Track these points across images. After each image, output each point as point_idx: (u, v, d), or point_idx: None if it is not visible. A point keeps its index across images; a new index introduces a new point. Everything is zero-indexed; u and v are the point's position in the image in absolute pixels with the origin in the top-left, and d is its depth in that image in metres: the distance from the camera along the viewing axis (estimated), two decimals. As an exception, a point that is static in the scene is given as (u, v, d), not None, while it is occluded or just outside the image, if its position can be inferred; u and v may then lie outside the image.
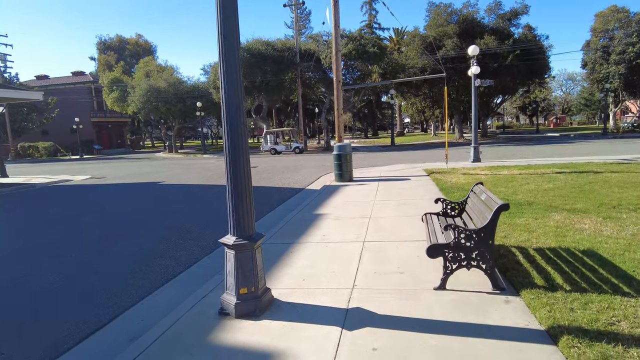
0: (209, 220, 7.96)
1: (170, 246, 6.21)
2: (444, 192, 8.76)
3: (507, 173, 11.62)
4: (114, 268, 5.38)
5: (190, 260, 5.47)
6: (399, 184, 10.57)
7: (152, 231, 7.37)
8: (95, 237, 7.22)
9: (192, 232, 7.00)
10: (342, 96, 12.43)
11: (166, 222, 8.11)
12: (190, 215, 8.64)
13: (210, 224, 7.52)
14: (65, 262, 5.73)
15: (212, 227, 7.23)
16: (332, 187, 11.08)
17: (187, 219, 8.20)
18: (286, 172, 16.34)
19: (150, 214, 9.23)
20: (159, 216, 8.88)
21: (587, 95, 65.58)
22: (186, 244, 6.28)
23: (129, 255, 5.92)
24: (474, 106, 15.96)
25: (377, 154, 25.06)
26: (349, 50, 25.56)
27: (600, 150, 19.23)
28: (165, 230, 7.26)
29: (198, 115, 35.18)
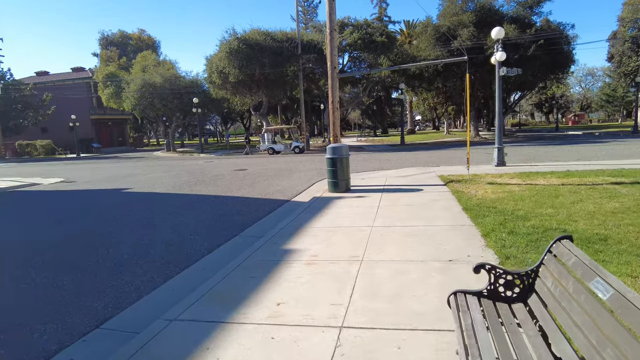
0: (118, 263, 5.71)
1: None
2: (469, 213, 6.38)
3: (544, 183, 9.16)
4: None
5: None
6: (408, 198, 8.20)
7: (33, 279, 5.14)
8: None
9: (84, 285, 4.76)
10: (337, 86, 10.09)
11: (68, 260, 5.88)
12: (109, 249, 6.41)
13: (121, 268, 5.27)
14: None
15: (115, 277, 4.99)
16: (322, 199, 8.75)
17: (98, 256, 5.96)
18: (276, 177, 14.05)
19: (67, 244, 7.02)
20: (74, 247, 6.65)
21: (610, 91, 62.21)
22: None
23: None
24: (498, 100, 13.48)
25: (385, 154, 22.64)
26: (354, 39, 23.17)
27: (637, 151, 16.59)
28: (51, 275, 5.03)
29: (195, 111, 33.06)
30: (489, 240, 4.92)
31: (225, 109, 46.57)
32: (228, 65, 26.04)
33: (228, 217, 7.91)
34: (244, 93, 31.31)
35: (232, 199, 9.99)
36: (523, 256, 4.23)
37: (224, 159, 25.06)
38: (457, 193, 8.20)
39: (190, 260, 5.35)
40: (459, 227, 5.66)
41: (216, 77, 28.00)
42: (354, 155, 22.78)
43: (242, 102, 35.15)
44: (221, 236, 6.46)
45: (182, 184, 13.05)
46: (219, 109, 42.08)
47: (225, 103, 40.80)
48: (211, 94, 34.44)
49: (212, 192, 11.22)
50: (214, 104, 38.00)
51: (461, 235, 5.28)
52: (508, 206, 6.71)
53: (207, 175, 15.57)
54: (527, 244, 4.65)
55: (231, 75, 26.45)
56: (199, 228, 7.11)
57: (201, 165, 21.00)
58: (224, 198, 10.13)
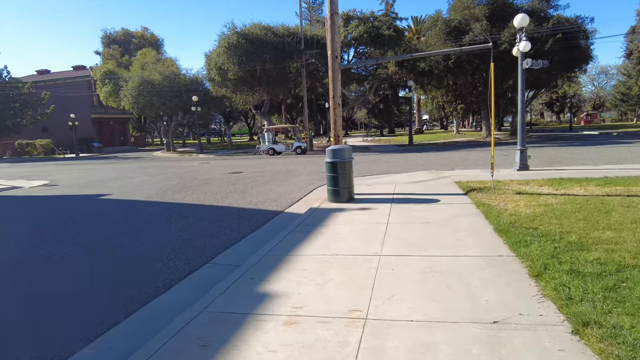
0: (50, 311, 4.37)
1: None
2: (505, 237, 4.96)
3: (584, 193, 7.71)
4: None
5: None
6: (423, 212, 6.78)
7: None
8: None
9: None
10: (339, 78, 8.69)
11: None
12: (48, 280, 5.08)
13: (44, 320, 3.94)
14: None
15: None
16: (320, 212, 7.37)
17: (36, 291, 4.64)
18: (273, 181, 12.69)
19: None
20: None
21: (624, 89, 60.11)
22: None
23: None
24: (521, 96, 12.01)
25: (393, 155, 21.20)
26: (360, 33, 21.72)
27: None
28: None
29: (194, 110, 31.82)
30: (545, 284, 3.50)
31: (227, 107, 45.33)
32: (227, 61, 24.72)
33: (201, 237, 6.55)
34: (244, 91, 29.99)
35: (216, 210, 8.63)
36: (608, 321, 2.82)
37: (222, 160, 23.77)
38: (482, 206, 6.76)
39: (144, 301, 3.99)
40: (496, 260, 4.25)
41: (215, 74, 26.72)
42: (359, 157, 21.47)
43: (244, 101, 33.85)
44: (183, 266, 5.10)
45: (166, 190, 11.73)
46: (220, 107, 40.82)
47: (227, 101, 39.56)
48: (212, 92, 33.20)
49: (196, 200, 9.88)
50: (214, 102, 36.75)
51: (502, 274, 3.87)
52: (552, 226, 5.28)
53: (197, 179, 14.25)
54: (603, 294, 3.23)
55: (230, 72, 25.13)
56: (159, 255, 5.76)
57: (195, 167, 19.70)
58: (206, 209, 8.78)
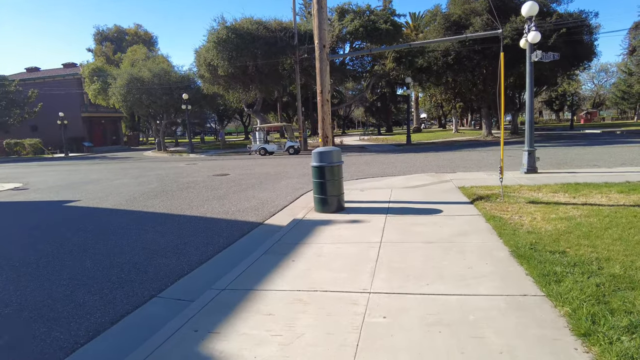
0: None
1: None
2: (528, 266, 3.93)
3: (607, 202, 6.70)
4: None
5: None
6: (423, 227, 5.75)
7: None
8: None
9: None
10: (327, 70, 7.65)
11: None
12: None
13: None
14: None
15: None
16: (304, 224, 6.34)
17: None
18: (258, 185, 11.64)
19: None
20: None
21: (625, 87, 59.25)
22: None
23: None
24: (529, 91, 11.00)
25: (390, 156, 20.17)
26: (355, 27, 20.64)
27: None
28: None
29: (185, 108, 30.73)
30: (600, 353, 2.48)
31: (220, 105, 44.21)
32: (216, 57, 23.62)
33: (160, 257, 5.50)
34: (237, 88, 28.89)
35: (187, 221, 7.58)
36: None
37: (211, 161, 22.69)
38: (493, 220, 5.73)
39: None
40: (520, 302, 3.22)
41: (205, 71, 25.62)
42: (355, 157, 20.44)
43: (238, 99, 32.74)
44: (123, 301, 4.06)
45: (140, 195, 10.67)
46: (213, 105, 39.66)
47: (220, 99, 38.46)
48: (203, 90, 32.11)
49: (168, 208, 8.82)
50: (206, 100, 35.61)
51: (532, 326, 2.84)
52: (583, 250, 4.26)
53: (178, 182, 13.19)
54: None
55: (220, 68, 24.02)
56: (101, 283, 4.72)
57: (181, 168, 18.62)
58: (176, 220, 7.73)
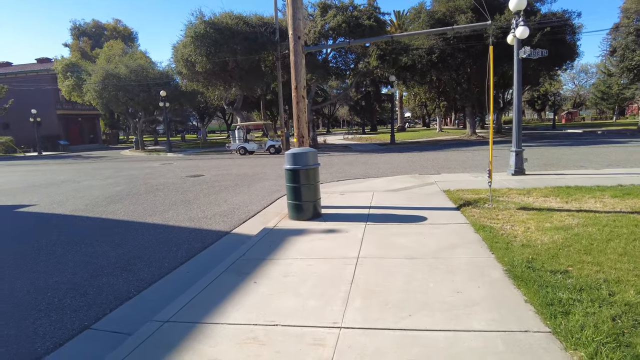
0: None
1: None
2: (526, 291, 3.36)
3: (602, 207, 6.23)
4: None
5: None
6: (406, 239, 5.16)
7: None
8: None
9: None
10: (303, 64, 6.98)
11: None
12: None
13: None
14: None
15: None
16: (275, 235, 5.68)
17: None
18: (233, 187, 10.92)
19: None
20: None
21: (604, 87, 60.17)
22: None
23: None
24: (517, 89, 10.54)
25: (373, 156, 19.62)
26: (338, 22, 20.01)
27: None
28: None
29: (163, 106, 29.68)
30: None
31: (201, 103, 43.10)
32: (194, 53, 22.69)
33: (104, 276, 4.78)
34: (216, 85, 27.96)
35: (146, 229, 6.84)
36: None
37: (187, 160, 21.80)
38: (483, 230, 5.16)
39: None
40: (521, 342, 2.63)
41: (182, 67, 24.64)
42: (337, 157, 19.83)
43: (219, 96, 31.78)
44: (46, 336, 3.34)
45: (104, 199, 9.85)
46: (193, 103, 38.53)
47: (200, 97, 37.42)
48: (181, 87, 31.10)
49: (130, 214, 8.05)
50: (186, 97, 34.52)
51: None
52: (587, 268, 3.71)
53: (148, 184, 12.36)
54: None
55: (198, 64, 23.10)
56: (28, 310, 3.99)
57: (155, 168, 17.71)
58: (135, 228, 6.98)
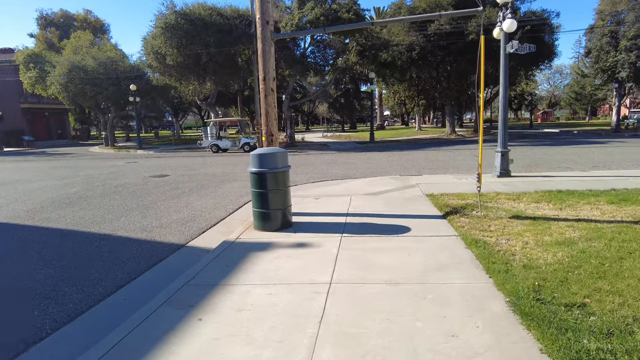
0: None
1: None
2: (535, 329, 2.65)
3: (600, 215, 5.67)
4: None
5: None
6: (386, 258, 4.42)
7: None
8: None
9: None
10: (272, 53, 6.16)
11: None
12: None
13: None
14: None
15: None
16: (235, 250, 4.85)
17: None
18: (198, 189, 9.99)
19: None
20: None
21: (578, 88, 61.41)
22: None
23: None
24: (503, 86, 9.99)
25: (352, 155, 18.92)
26: (316, 15, 19.18)
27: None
28: None
29: (133, 101, 28.25)
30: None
31: (175, 98, 41.59)
32: (164, 45, 21.46)
33: (18, 306, 3.87)
34: (189, 79, 26.71)
35: (91, 240, 5.90)
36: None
37: (156, 158, 20.61)
38: (476, 246, 4.47)
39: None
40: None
41: (152, 59, 23.33)
42: (315, 156, 19.02)
43: (193, 91, 30.48)
44: None
45: (51, 203, 8.78)
46: (166, 98, 37.01)
47: (174, 92, 36.00)
48: (152, 81, 29.72)
49: (77, 221, 7.07)
50: (158, 92, 33.05)
51: None
52: (608, 301, 3.04)
53: (107, 185, 11.29)
54: None
55: (169, 57, 21.87)
56: None
57: (119, 167, 16.52)
58: (76, 239, 6.03)
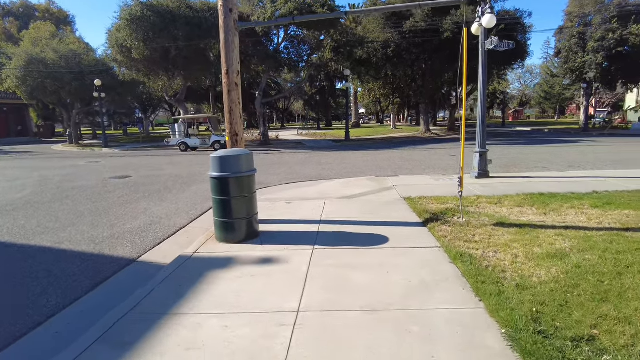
0: None
1: None
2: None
3: (586, 221, 5.37)
4: None
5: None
6: (363, 276, 3.91)
7: None
8: None
9: None
10: (236, 43, 5.55)
11: None
12: None
13: None
14: None
15: None
16: (192, 267, 4.24)
17: None
18: (159, 192, 9.26)
19: None
20: None
21: (547, 88, 63.10)
22: None
23: None
24: (482, 84, 9.70)
25: (327, 154, 18.42)
26: (289, 10, 18.52)
27: (630, 156, 13.83)
28: None
29: (97, 96, 26.84)
30: None
31: (144, 94, 40.06)
32: (130, 37, 20.32)
33: None
34: (158, 74, 25.55)
35: (27, 255, 5.16)
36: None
37: (120, 158, 19.51)
38: (461, 260, 4.01)
39: None
40: None
41: (117, 53, 22.12)
42: (289, 155, 18.39)
43: (163, 87, 29.22)
44: None
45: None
46: (134, 94, 35.49)
47: (143, 87, 34.55)
48: (119, 76, 28.33)
49: (17, 231, 6.26)
50: (125, 87, 31.58)
51: None
52: (619, 333, 2.63)
53: (61, 187, 10.37)
54: None
55: (135, 50, 20.74)
56: None
57: (78, 167, 15.44)
58: (14, 252, 5.28)
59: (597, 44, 34.02)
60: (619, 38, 32.84)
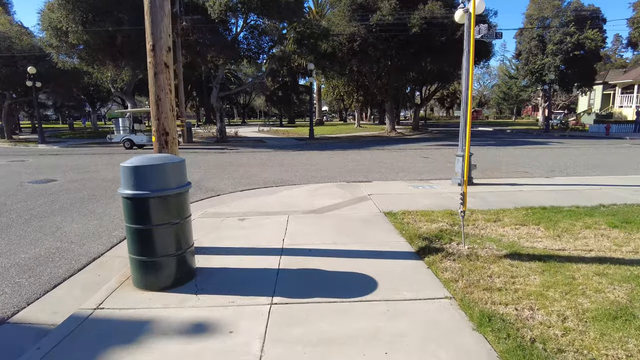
0: None
1: None
2: None
3: (609, 245, 4.27)
4: None
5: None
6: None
7: None
8: None
9: None
10: (167, 10, 4.01)
11: None
12: None
13: None
14: None
15: None
16: (86, 339, 2.68)
17: None
18: (84, 203, 7.46)
19: None
20: None
21: (506, 88, 64.76)
22: None
23: None
24: (465, 78, 8.56)
25: (291, 153, 16.94)
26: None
27: (606, 159, 13.34)
28: None
29: (31, 86, 23.92)
30: None
31: (91, 85, 36.79)
32: (65, 19, 17.88)
33: None
34: (104, 63, 22.98)
35: None
36: None
37: (53, 156, 17.11)
38: (489, 327, 2.71)
39: None
40: None
41: (52, 37, 19.51)
42: (247, 155, 16.64)
43: (112, 77, 26.43)
44: None
45: None
46: (78, 84, 32.27)
47: (89, 78, 31.45)
48: (56, 64, 25.40)
49: None
50: (67, 77, 28.50)
51: None
52: None
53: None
54: None
55: (72, 34, 18.29)
56: None
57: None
58: None
59: (555, 47, 34.60)
60: (576, 42, 33.49)
